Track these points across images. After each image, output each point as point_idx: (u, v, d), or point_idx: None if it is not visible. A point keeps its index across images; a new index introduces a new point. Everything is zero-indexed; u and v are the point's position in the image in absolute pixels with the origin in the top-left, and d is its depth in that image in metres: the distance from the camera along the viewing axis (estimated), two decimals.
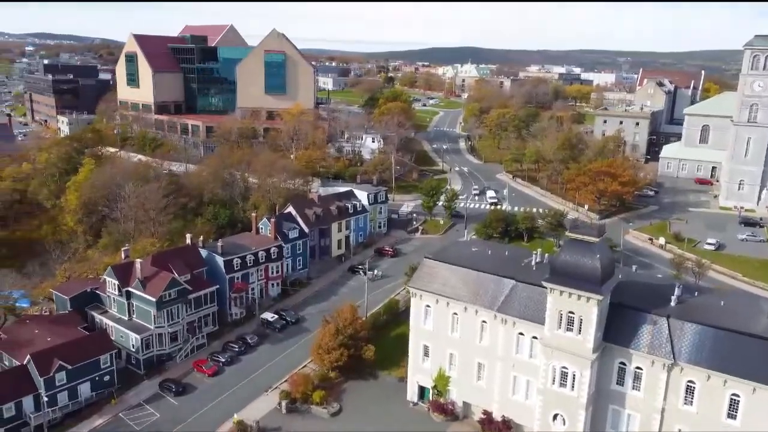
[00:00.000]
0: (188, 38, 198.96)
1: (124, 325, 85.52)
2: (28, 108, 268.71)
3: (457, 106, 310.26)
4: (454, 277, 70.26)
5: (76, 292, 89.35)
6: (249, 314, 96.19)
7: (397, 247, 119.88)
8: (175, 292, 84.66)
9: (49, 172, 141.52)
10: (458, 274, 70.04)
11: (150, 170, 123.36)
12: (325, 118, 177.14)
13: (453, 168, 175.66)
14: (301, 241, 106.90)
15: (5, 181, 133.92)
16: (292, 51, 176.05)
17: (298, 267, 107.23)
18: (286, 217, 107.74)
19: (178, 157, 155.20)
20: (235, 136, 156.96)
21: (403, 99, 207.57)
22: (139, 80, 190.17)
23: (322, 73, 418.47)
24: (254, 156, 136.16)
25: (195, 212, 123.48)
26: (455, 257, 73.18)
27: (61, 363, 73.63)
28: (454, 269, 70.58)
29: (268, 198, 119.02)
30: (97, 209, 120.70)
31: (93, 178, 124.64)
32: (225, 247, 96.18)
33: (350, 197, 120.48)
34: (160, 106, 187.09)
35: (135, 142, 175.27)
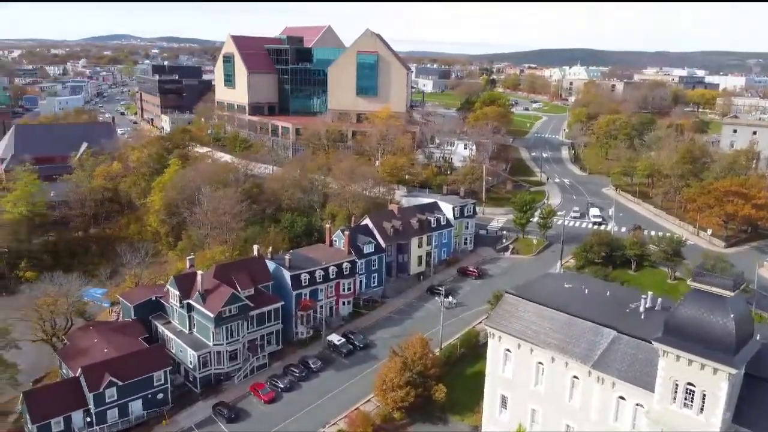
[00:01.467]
0: (285, 39, 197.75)
1: (183, 339, 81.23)
2: (138, 107, 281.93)
3: (562, 110, 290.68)
4: (540, 318, 58.73)
5: (140, 299, 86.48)
6: (316, 334, 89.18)
7: (483, 267, 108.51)
8: (235, 308, 79.18)
9: (141, 171, 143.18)
10: (546, 316, 58.44)
11: (229, 173, 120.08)
12: (417, 122, 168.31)
13: (552, 179, 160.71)
14: (377, 257, 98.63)
15: (97, 179, 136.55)
16: (386, 52, 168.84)
17: (372, 285, 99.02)
18: (361, 230, 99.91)
19: (265, 159, 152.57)
20: (323, 139, 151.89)
21: (501, 102, 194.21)
22: (234, 81, 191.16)
23: (422, 75, 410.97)
24: (337, 161, 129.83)
25: (274, 218, 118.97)
26: (543, 294, 61.52)
27: (112, 378, 69.97)
28: (542, 309, 59.02)
29: (346, 207, 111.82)
30: (178, 211, 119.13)
31: (175, 179, 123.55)
32: (293, 261, 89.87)
33: (434, 210, 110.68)
34: (254, 106, 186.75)
35: (226, 143, 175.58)
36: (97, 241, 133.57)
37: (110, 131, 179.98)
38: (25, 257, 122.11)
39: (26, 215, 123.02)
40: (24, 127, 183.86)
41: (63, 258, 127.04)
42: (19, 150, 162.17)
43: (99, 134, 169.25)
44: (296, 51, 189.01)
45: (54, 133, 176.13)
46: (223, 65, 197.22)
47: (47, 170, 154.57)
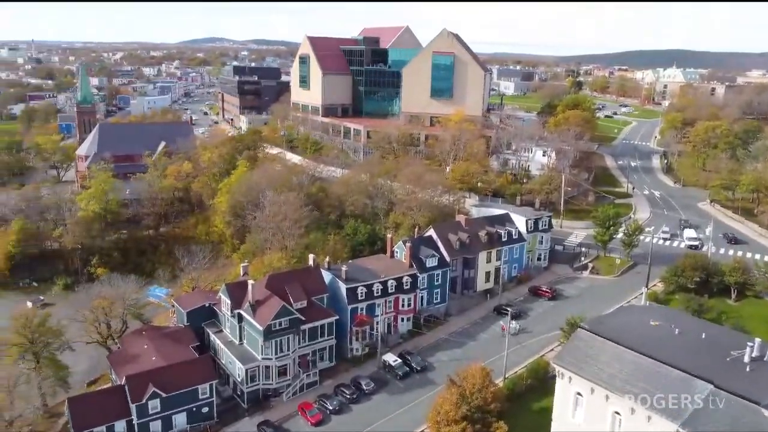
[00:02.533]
0: (360, 40, 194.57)
1: (233, 350, 78.05)
2: (220, 107, 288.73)
3: (654, 115, 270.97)
4: (619, 361, 50.35)
5: (194, 305, 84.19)
6: (371, 352, 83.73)
7: (558, 287, 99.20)
8: (286, 321, 75.07)
9: (212, 172, 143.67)
10: (626, 359, 50.01)
11: (293, 177, 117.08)
12: (493, 126, 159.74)
13: (641, 191, 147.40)
14: (441, 271, 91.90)
15: (168, 178, 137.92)
16: (463, 52, 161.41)
17: (435, 301, 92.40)
18: (425, 242, 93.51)
19: (334, 162, 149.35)
20: (393, 142, 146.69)
21: (585, 106, 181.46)
22: (309, 82, 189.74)
23: (503, 77, 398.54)
24: (406, 166, 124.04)
25: (337, 225, 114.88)
26: (624, 332, 52.96)
27: (156, 390, 67.47)
28: (621, 351, 50.63)
29: (410, 216, 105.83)
30: (243, 214, 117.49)
31: (242, 181, 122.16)
32: (350, 272, 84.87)
33: (505, 222, 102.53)
34: (327, 108, 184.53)
35: (298, 144, 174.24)
36: (166, 240, 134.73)
37: (188, 131, 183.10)
38: (97, 254, 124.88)
39: (99, 213, 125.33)
40: (107, 125, 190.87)
41: (132, 256, 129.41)
42: (101, 148, 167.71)
43: (177, 134, 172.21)
44: (371, 52, 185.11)
45: (134, 132, 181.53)
46: (298, 66, 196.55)
47: (125, 168, 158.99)
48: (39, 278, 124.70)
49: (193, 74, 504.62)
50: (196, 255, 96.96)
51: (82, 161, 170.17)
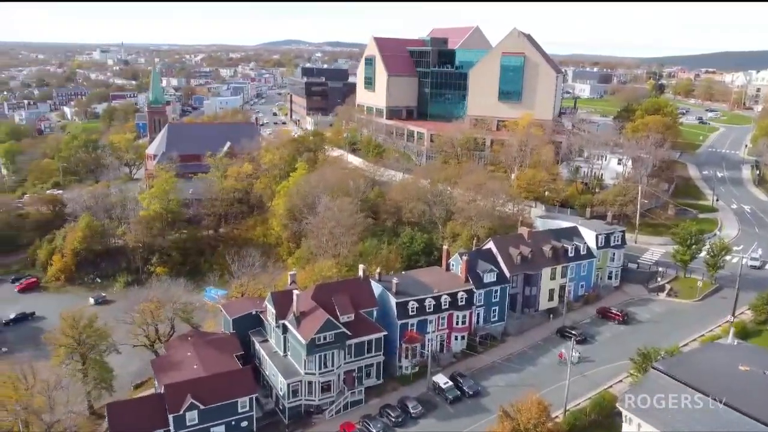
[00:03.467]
0: (428, 41, 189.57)
1: (276, 362, 75.20)
2: (288, 108, 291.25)
3: (744, 121, 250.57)
4: (699, 411, 43.21)
5: (240, 312, 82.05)
6: (421, 370, 78.76)
7: (630, 310, 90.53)
8: (331, 335, 71.47)
9: (272, 174, 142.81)
10: (708, 410, 42.81)
11: (349, 181, 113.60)
12: (564, 131, 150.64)
13: (728, 204, 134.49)
14: (499, 288, 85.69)
15: (229, 179, 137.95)
16: (534, 53, 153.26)
17: (492, 319, 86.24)
18: (483, 255, 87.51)
19: (396, 166, 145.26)
20: (456, 146, 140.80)
21: (667, 111, 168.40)
22: (374, 83, 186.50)
23: (578, 79, 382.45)
24: (468, 172, 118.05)
25: (394, 232, 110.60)
26: (706, 376, 45.69)
27: (194, 401, 65.23)
28: (699, 399, 43.41)
29: (469, 226, 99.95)
30: (299, 218, 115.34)
31: (300, 184, 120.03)
32: (401, 285, 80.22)
33: (573, 236, 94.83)
34: (392, 110, 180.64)
35: (360, 147, 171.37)
36: (225, 241, 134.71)
37: (253, 131, 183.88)
38: (157, 253, 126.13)
39: (160, 212, 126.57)
40: (176, 125, 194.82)
41: (191, 256, 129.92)
42: (169, 147, 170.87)
43: (242, 134, 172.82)
44: (438, 53, 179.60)
45: (201, 132, 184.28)
46: (364, 68, 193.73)
47: (191, 168, 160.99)
48: (103, 275, 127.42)
49: (266, 75, 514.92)
50: (246, 260, 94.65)
51: (151, 160, 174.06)
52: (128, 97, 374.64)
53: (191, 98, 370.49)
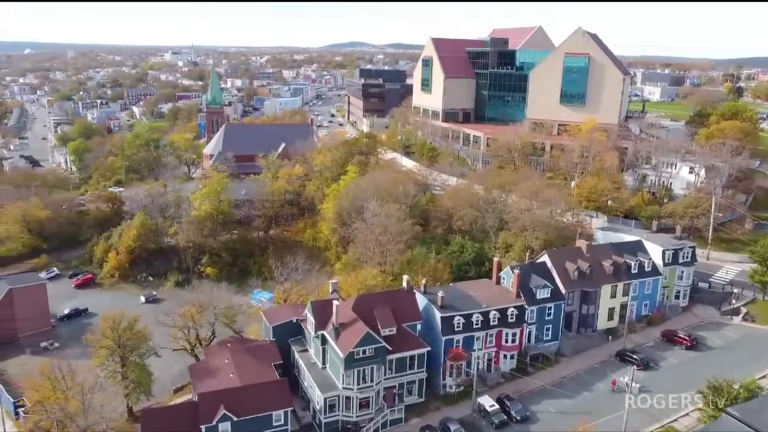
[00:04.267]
0: (487, 41, 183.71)
1: (314, 374, 72.50)
2: (346, 109, 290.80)
3: None
4: None
5: (281, 320, 79.95)
6: (466, 389, 74.42)
7: (699, 334, 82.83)
8: (371, 349, 68.15)
9: (324, 176, 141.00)
10: None
11: (399, 186, 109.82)
12: (630, 136, 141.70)
13: None
14: (554, 305, 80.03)
15: (280, 181, 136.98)
16: (599, 54, 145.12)
17: (545, 338, 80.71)
18: (537, 269, 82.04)
19: (449, 170, 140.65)
20: (513, 151, 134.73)
21: (746, 116, 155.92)
22: (431, 85, 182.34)
23: (648, 82, 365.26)
24: (524, 178, 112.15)
25: (444, 240, 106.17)
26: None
27: (226, 412, 63.23)
28: None
29: (524, 237, 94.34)
30: (348, 222, 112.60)
31: (350, 187, 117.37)
32: (447, 298, 76.08)
33: (636, 251, 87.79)
34: (448, 113, 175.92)
35: (414, 150, 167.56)
36: (275, 243, 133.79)
37: (308, 133, 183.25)
38: (207, 253, 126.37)
39: (211, 213, 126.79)
40: (232, 126, 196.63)
41: (241, 257, 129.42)
42: (226, 148, 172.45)
43: (297, 135, 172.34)
44: (498, 54, 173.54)
45: (257, 133, 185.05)
46: (421, 69, 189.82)
47: (246, 168, 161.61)
48: (155, 273, 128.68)
49: (327, 77, 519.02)
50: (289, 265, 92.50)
51: (208, 160, 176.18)
52: (193, 97, 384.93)
53: (253, 99, 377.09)
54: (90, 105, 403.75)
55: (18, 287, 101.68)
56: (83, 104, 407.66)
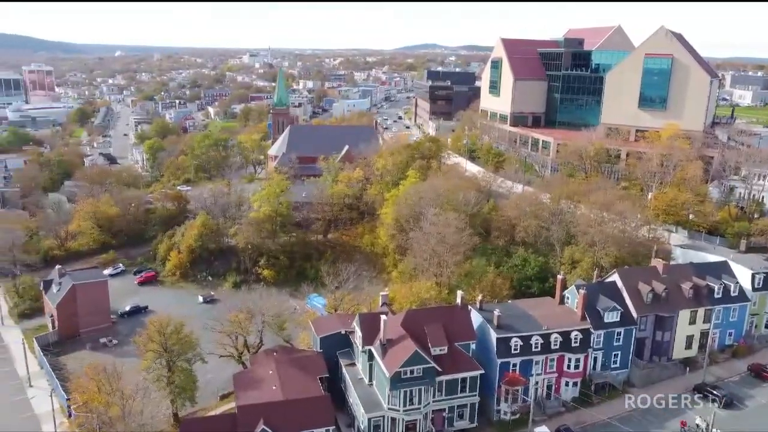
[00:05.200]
0: (561, 42, 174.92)
1: (360, 391, 69.07)
2: (413, 112, 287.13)
3: None
4: None
5: (328, 331, 77.03)
6: (523, 417, 68.74)
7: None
8: (419, 369, 64.06)
9: (385, 180, 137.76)
10: None
11: (459, 194, 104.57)
12: (716, 144, 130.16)
13: None
14: (623, 330, 73.06)
15: (339, 184, 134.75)
16: (684, 54, 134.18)
17: (612, 366, 73.84)
18: (606, 289, 75.18)
19: (515, 177, 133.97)
20: (584, 158, 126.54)
21: None
22: (500, 88, 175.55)
23: (738, 85, 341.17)
24: (596, 188, 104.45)
25: (506, 252, 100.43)
26: None
27: (266, 428, 60.78)
28: None
29: (592, 253, 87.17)
30: (406, 229, 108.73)
31: (408, 193, 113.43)
32: (504, 317, 70.78)
33: (721, 272, 79.08)
34: (516, 116, 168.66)
35: (480, 155, 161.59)
36: (333, 247, 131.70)
37: (372, 135, 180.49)
38: (265, 255, 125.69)
39: (270, 215, 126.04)
40: (297, 127, 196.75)
41: (298, 260, 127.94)
42: (290, 149, 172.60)
43: (361, 138, 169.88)
44: (572, 54, 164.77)
45: (321, 134, 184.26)
46: (489, 71, 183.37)
47: (309, 170, 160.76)
48: (214, 273, 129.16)
49: (396, 79, 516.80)
50: (341, 273, 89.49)
51: (272, 161, 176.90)
52: (264, 98, 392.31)
53: (323, 100, 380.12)
54: (169, 105, 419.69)
55: (81, 283, 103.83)
56: (163, 104, 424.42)
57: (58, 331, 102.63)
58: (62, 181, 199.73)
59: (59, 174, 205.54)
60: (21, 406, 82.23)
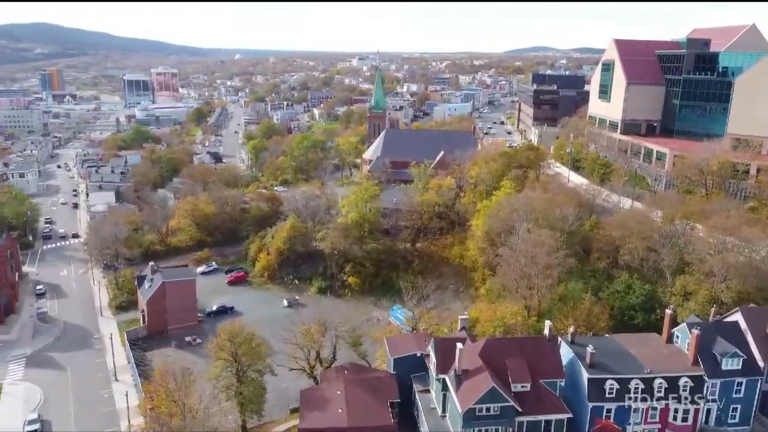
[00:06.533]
0: (683, 42, 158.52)
1: (432, 421, 63.75)
2: (516, 117, 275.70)
3: None
4: None
5: (402, 352, 72.19)
6: None
7: None
8: (496, 407, 57.82)
9: (478, 190, 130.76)
10: None
11: (556, 209, 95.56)
12: None
13: None
14: (745, 380, 62.01)
15: (429, 192, 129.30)
16: None
17: (730, 421, 62.93)
18: (724, 330, 64.30)
19: (624, 191, 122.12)
20: (705, 173, 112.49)
21: None
22: (610, 92, 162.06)
23: None
24: (718, 209, 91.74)
25: (607, 275, 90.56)
26: None
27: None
28: None
29: (710, 285, 75.65)
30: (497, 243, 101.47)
31: (500, 205, 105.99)
32: (599, 354, 62.24)
33: None
34: (628, 124, 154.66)
35: (584, 165, 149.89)
36: (421, 257, 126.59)
37: (469, 141, 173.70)
38: (351, 262, 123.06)
39: (358, 220, 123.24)
40: (393, 131, 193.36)
41: (384, 269, 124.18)
42: (384, 153, 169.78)
43: (458, 143, 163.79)
44: (695, 56, 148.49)
45: (417, 139, 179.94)
46: (600, 74, 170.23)
47: (402, 175, 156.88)
48: (301, 277, 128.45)
49: (502, 82, 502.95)
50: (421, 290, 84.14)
51: (366, 164, 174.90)
52: (367, 101, 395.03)
53: (424, 104, 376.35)
54: (277, 106, 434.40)
55: (170, 281, 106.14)
56: (272, 105, 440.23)
57: (147, 326, 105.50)
58: (171, 177, 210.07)
59: (168, 171, 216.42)
60: (105, 400, 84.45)
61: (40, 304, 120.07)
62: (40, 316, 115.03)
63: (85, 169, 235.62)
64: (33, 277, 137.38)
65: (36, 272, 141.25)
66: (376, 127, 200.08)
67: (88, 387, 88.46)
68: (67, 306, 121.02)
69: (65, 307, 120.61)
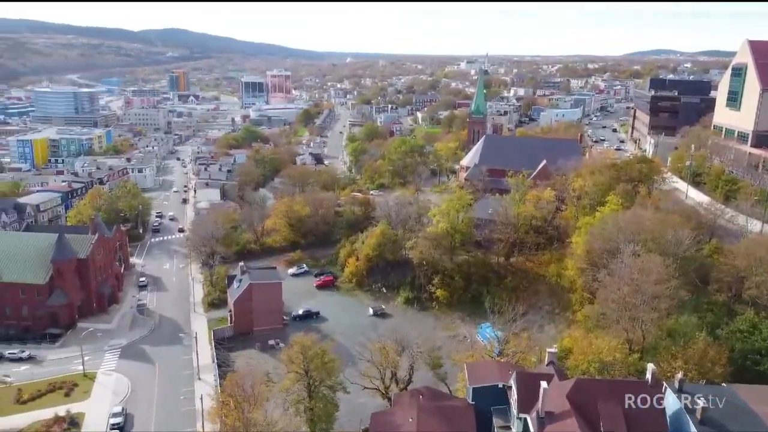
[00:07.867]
0: None
1: None
2: (630, 125, 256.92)
3: None
4: None
5: (483, 382, 66.20)
6: None
7: None
8: None
9: (581, 204, 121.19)
10: None
11: (669, 231, 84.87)
12: None
13: None
14: None
15: (527, 204, 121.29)
16: None
17: None
18: None
19: (752, 212, 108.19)
20: None
21: None
22: (741, 100, 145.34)
23: None
24: None
25: (728, 311, 79.45)
26: None
27: None
28: None
29: None
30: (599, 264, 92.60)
31: (604, 222, 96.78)
32: (713, 409, 53.23)
33: None
34: (761, 136, 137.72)
35: (706, 180, 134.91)
36: (515, 272, 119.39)
37: (574, 150, 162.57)
38: (440, 273, 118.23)
39: (448, 231, 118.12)
40: (493, 138, 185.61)
41: (474, 283, 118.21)
42: (482, 160, 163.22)
43: (561, 153, 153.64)
44: None
45: (518, 146, 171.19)
46: (729, 79, 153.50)
47: (498, 184, 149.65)
48: (389, 285, 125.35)
49: (617, 87, 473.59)
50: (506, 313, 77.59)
51: (463, 171, 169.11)
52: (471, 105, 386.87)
53: (531, 109, 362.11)
54: (382, 109, 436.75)
55: (257, 283, 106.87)
56: (377, 108, 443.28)
57: (234, 326, 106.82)
58: (272, 177, 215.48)
59: (270, 170, 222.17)
60: (186, 399, 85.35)
61: (140, 296, 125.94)
62: (139, 307, 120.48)
63: (197, 165, 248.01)
64: (139, 269, 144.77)
65: (142, 264, 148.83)
66: (475, 133, 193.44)
67: (172, 383, 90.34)
68: (165, 299, 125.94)
69: (163, 300, 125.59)
